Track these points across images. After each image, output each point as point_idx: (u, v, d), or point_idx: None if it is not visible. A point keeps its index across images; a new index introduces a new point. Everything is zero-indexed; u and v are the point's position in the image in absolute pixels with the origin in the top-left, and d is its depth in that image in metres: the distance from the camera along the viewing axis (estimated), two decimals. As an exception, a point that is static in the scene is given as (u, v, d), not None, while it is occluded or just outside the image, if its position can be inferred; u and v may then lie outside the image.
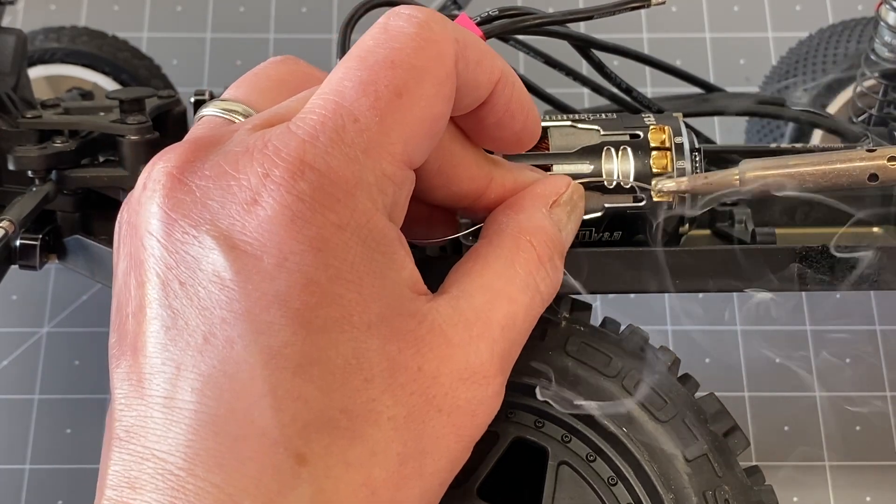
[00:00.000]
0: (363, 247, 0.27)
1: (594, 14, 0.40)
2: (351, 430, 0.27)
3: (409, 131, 0.28)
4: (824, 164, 0.35)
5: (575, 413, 0.37)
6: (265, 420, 0.26)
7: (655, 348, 0.39)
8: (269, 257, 0.26)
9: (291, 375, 0.26)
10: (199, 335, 0.27)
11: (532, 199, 0.33)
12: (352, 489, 0.27)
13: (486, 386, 0.30)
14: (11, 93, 0.49)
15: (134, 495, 0.26)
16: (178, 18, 0.78)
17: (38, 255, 0.47)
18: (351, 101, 0.28)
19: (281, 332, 0.26)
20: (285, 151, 0.27)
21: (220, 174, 0.28)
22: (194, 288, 0.27)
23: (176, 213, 0.27)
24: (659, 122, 0.39)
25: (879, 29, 0.50)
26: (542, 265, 0.32)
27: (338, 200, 0.27)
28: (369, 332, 0.27)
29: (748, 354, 0.67)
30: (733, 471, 0.37)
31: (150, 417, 0.27)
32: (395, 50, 0.29)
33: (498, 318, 0.30)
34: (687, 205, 0.38)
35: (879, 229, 0.44)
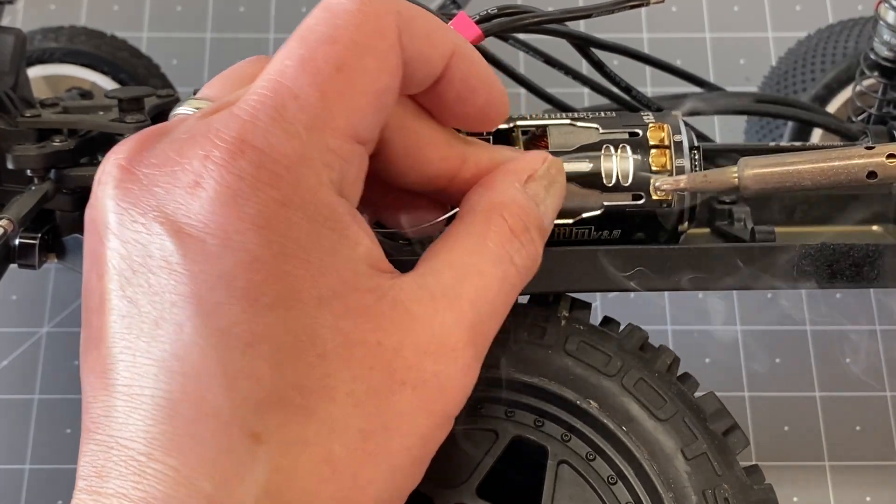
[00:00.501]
0: (309, 223, 0.27)
1: (593, 12, 0.40)
2: (306, 407, 0.27)
3: (351, 105, 0.28)
4: (823, 161, 0.35)
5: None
6: (218, 400, 0.26)
7: (655, 347, 0.39)
8: (212, 238, 0.27)
9: (241, 354, 0.26)
10: (151, 321, 0.27)
11: (504, 175, 0.33)
12: (311, 466, 0.27)
13: (454, 359, 0.29)
14: (10, 92, 0.49)
15: (101, 483, 0.26)
16: (178, 18, 0.78)
17: (37, 255, 0.47)
18: (291, 78, 0.28)
19: (228, 311, 0.26)
20: (225, 132, 0.27)
21: (165, 161, 0.28)
22: (145, 275, 0.27)
23: (126, 202, 0.28)
24: (658, 121, 0.39)
25: (878, 28, 0.50)
26: (515, 237, 0.31)
27: (279, 177, 0.27)
28: (320, 307, 0.27)
29: (748, 354, 0.67)
30: (733, 470, 0.37)
31: (113, 406, 0.27)
32: (335, 26, 0.29)
33: (466, 293, 0.30)
34: (686, 202, 0.38)
35: (879, 227, 0.44)
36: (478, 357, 0.30)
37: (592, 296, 0.63)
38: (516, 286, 0.31)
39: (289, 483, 0.27)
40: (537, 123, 0.39)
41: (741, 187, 0.36)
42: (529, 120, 0.39)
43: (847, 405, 0.65)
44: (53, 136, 0.46)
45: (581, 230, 0.38)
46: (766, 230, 0.40)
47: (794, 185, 0.35)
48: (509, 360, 0.38)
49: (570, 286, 0.39)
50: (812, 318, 0.68)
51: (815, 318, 0.68)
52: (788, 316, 0.68)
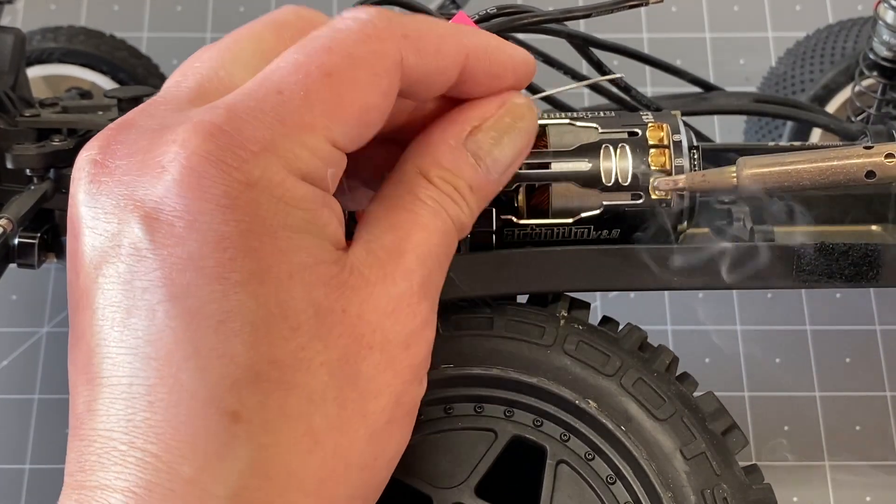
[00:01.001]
0: (276, 204, 0.27)
1: (593, 12, 0.40)
2: (283, 381, 0.27)
3: (334, 110, 0.28)
4: (821, 161, 0.35)
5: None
6: (193, 382, 0.26)
7: (654, 347, 0.39)
8: (179, 221, 0.27)
9: (213, 333, 0.26)
10: (123, 310, 0.27)
11: (443, 129, 0.32)
12: (293, 440, 0.27)
13: (412, 315, 0.30)
14: (10, 91, 0.49)
15: (86, 477, 0.26)
16: (178, 18, 0.78)
17: (36, 254, 0.47)
18: (279, 76, 0.28)
19: (198, 291, 0.26)
20: (198, 119, 0.27)
21: (136, 150, 0.28)
22: (116, 265, 0.27)
23: (99, 196, 0.28)
24: (657, 120, 0.39)
25: (878, 28, 0.50)
26: (447, 196, 0.31)
27: (244, 161, 0.27)
28: (291, 280, 0.27)
29: (748, 354, 0.67)
30: (732, 469, 0.37)
31: (93, 399, 0.27)
32: (335, 39, 0.29)
33: (411, 249, 0.30)
34: (685, 201, 0.38)
35: (878, 227, 0.44)
36: (432, 309, 0.31)
37: (592, 295, 0.63)
38: (454, 238, 0.32)
39: (273, 459, 0.27)
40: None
41: (739, 187, 0.36)
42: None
43: (847, 405, 0.65)
44: (53, 135, 0.47)
45: (580, 230, 0.38)
46: (766, 230, 0.40)
47: (792, 184, 0.36)
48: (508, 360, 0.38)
49: (569, 286, 0.39)
50: (812, 318, 0.68)
51: (816, 318, 0.68)
52: (788, 316, 0.68)
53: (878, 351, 0.67)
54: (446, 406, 0.38)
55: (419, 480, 0.37)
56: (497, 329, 0.38)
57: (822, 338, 0.67)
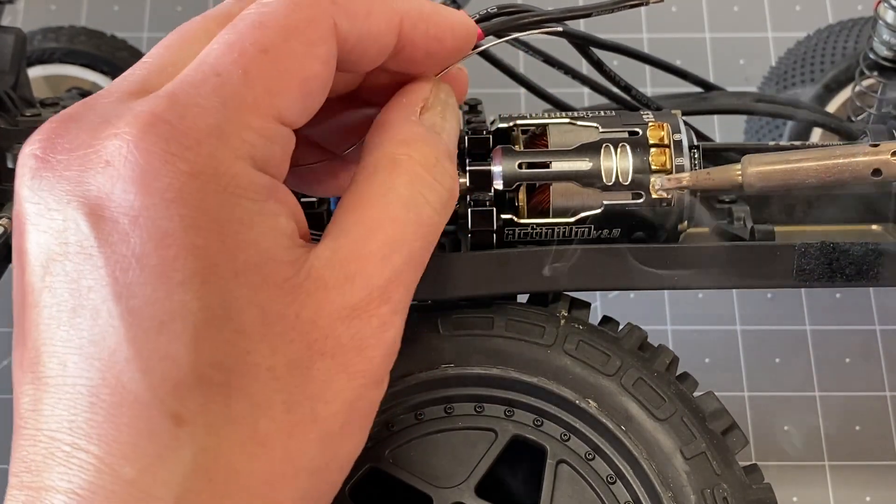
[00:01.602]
0: (223, 194, 0.27)
1: (593, 12, 0.40)
2: (227, 385, 0.26)
3: (276, 86, 0.28)
4: (827, 159, 0.35)
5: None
6: (135, 384, 0.26)
7: (654, 347, 0.39)
8: (123, 217, 0.26)
9: (156, 334, 0.26)
10: (69, 309, 0.26)
11: (398, 111, 0.32)
12: (238, 444, 0.27)
13: (368, 320, 0.29)
14: (11, 91, 0.49)
15: (32, 478, 0.26)
16: (178, 18, 0.77)
17: (36, 254, 0.47)
18: (214, 58, 0.28)
19: (141, 291, 0.26)
20: (139, 110, 0.27)
21: (78, 145, 0.27)
22: (62, 262, 0.27)
23: (42, 191, 0.27)
24: (658, 120, 0.39)
25: (878, 27, 0.50)
26: (426, 173, 0.31)
27: (188, 149, 0.26)
28: (237, 280, 0.27)
29: (748, 354, 0.67)
30: (732, 469, 0.37)
31: (38, 399, 0.26)
32: (264, 13, 0.28)
33: (377, 249, 0.29)
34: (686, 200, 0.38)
35: (878, 227, 0.44)
36: (396, 310, 0.30)
37: (592, 295, 0.63)
38: (435, 224, 0.31)
39: (216, 462, 0.26)
40: (537, 122, 0.39)
41: (745, 185, 0.36)
42: (529, 119, 0.39)
43: (847, 405, 0.65)
44: (53, 135, 0.46)
45: (580, 229, 0.38)
46: (766, 229, 0.40)
47: (798, 182, 0.35)
48: (509, 360, 0.38)
49: (570, 285, 0.39)
50: (812, 318, 0.68)
51: (816, 318, 0.68)
52: (788, 316, 0.68)
53: (878, 351, 0.67)
54: (446, 406, 0.38)
55: (419, 480, 0.37)
56: (497, 329, 0.38)
57: (822, 338, 0.67)
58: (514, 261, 0.38)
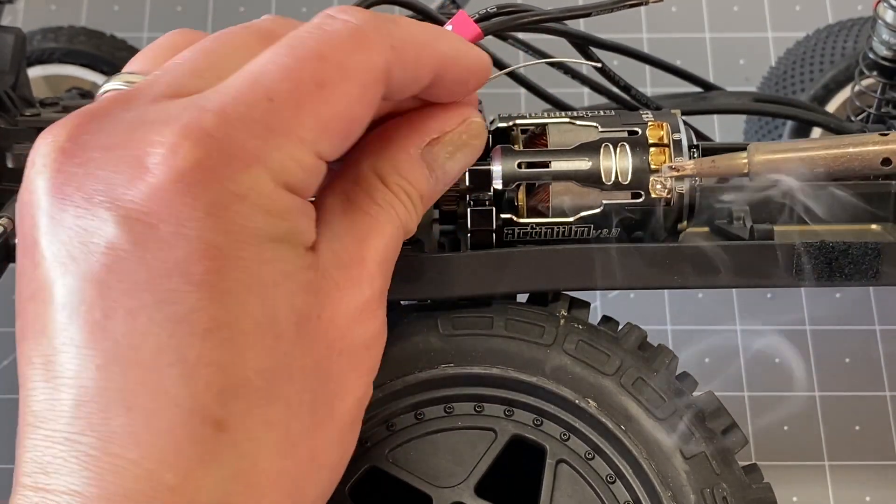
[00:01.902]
0: (263, 216, 0.27)
1: (592, 11, 0.40)
2: (267, 390, 0.27)
3: (324, 124, 0.28)
4: (836, 148, 0.34)
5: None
6: (177, 390, 0.26)
7: (654, 346, 0.39)
8: (165, 225, 0.26)
9: (201, 341, 0.26)
10: (98, 311, 0.26)
11: (403, 137, 0.32)
12: (273, 446, 0.27)
13: (373, 320, 0.30)
14: (10, 91, 0.49)
15: (48, 480, 0.26)
16: (178, 18, 0.78)
17: (36, 254, 0.47)
18: (270, 81, 0.28)
19: (186, 298, 0.26)
20: (186, 120, 0.27)
21: (113, 144, 0.27)
22: (88, 263, 0.26)
23: (68, 187, 0.27)
24: (657, 119, 0.39)
25: (877, 27, 0.50)
26: (400, 201, 0.32)
27: (236, 171, 0.27)
28: (276, 289, 0.27)
29: (748, 354, 0.67)
30: (731, 469, 0.37)
31: (57, 400, 0.26)
32: (327, 45, 0.28)
33: (371, 255, 0.30)
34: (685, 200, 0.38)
35: (878, 226, 0.44)
36: (384, 311, 0.31)
37: (592, 295, 0.63)
38: (401, 243, 0.32)
39: (254, 466, 0.27)
40: (536, 122, 0.39)
41: (751, 173, 0.36)
42: (529, 119, 0.39)
43: (847, 405, 0.65)
44: (53, 135, 0.46)
45: (580, 228, 0.38)
46: (765, 228, 0.40)
47: (806, 171, 0.35)
48: (508, 359, 0.38)
49: (569, 285, 0.39)
50: (812, 318, 0.68)
51: (816, 318, 0.68)
52: (789, 316, 0.68)
53: (878, 351, 0.67)
54: (446, 405, 0.38)
55: (419, 479, 0.37)
56: (497, 328, 0.38)
57: (822, 338, 0.67)
58: (513, 260, 0.38)
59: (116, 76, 0.32)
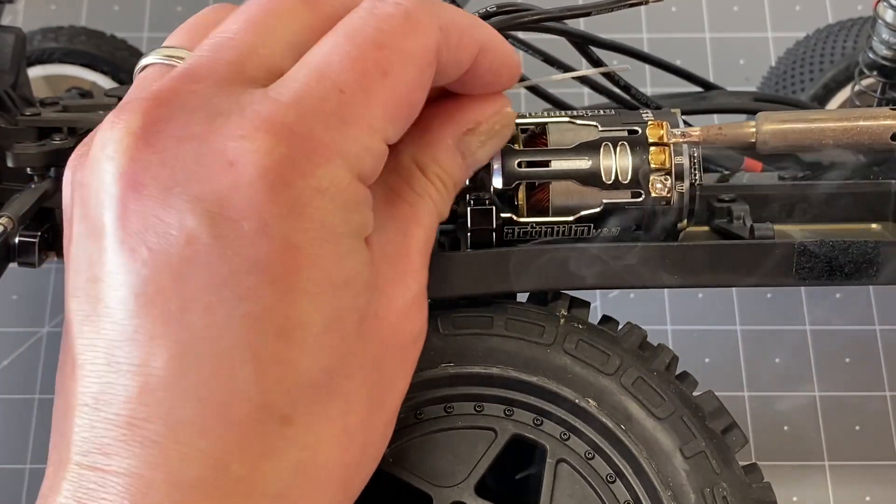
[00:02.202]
0: (342, 210, 0.28)
1: (593, 10, 0.40)
2: (330, 387, 0.28)
3: (390, 110, 0.29)
4: (847, 120, 0.34)
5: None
6: (249, 385, 0.26)
7: (654, 346, 0.39)
8: (248, 222, 0.26)
9: (274, 340, 0.27)
10: (175, 302, 0.26)
11: (442, 126, 0.33)
12: (332, 439, 0.28)
13: (419, 315, 0.31)
14: (10, 90, 0.49)
15: (108, 461, 0.26)
16: (178, 18, 0.77)
17: (37, 253, 0.47)
18: (337, 73, 0.28)
19: (262, 296, 0.26)
20: (265, 114, 0.27)
21: (191, 135, 0.27)
22: (166, 254, 0.26)
23: (144, 175, 0.27)
24: (657, 118, 0.39)
25: (877, 27, 0.50)
26: (436, 189, 0.32)
27: (318, 166, 0.27)
28: (346, 289, 0.28)
29: (748, 354, 0.67)
30: (731, 468, 0.37)
31: (121, 385, 0.26)
32: (384, 32, 0.29)
33: (415, 247, 0.31)
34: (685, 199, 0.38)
35: (878, 226, 0.44)
36: (427, 304, 0.32)
37: (592, 294, 0.63)
38: (436, 229, 0.33)
39: (314, 459, 0.28)
40: (536, 121, 0.39)
41: (758, 143, 0.35)
42: (529, 118, 0.39)
43: (847, 405, 0.65)
44: (53, 134, 0.46)
45: (580, 228, 0.38)
46: (765, 228, 0.40)
47: (814, 143, 0.34)
48: (508, 359, 0.38)
49: (569, 284, 0.39)
50: (812, 318, 0.68)
51: (815, 317, 0.68)
52: (788, 316, 0.68)
53: (878, 351, 0.67)
54: (446, 405, 0.38)
55: (419, 479, 0.37)
56: (497, 328, 0.38)
57: (822, 338, 0.67)
58: (513, 259, 0.38)
59: (156, 51, 0.32)
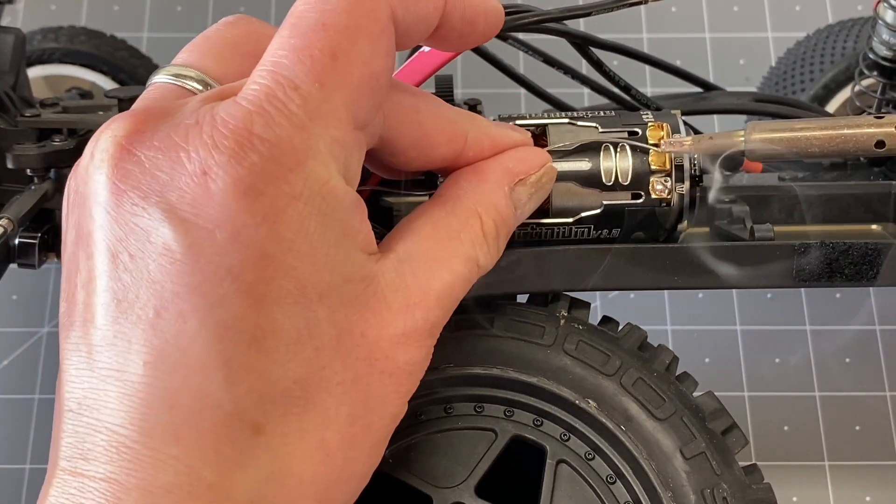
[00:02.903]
0: (319, 216, 0.28)
1: (593, 11, 0.40)
2: (304, 399, 0.28)
3: (350, 93, 0.28)
4: (832, 129, 0.35)
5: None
6: (220, 393, 0.27)
7: (654, 347, 0.39)
8: (221, 231, 0.26)
9: (246, 348, 0.27)
10: (151, 309, 0.27)
11: (498, 172, 0.33)
12: (308, 453, 0.28)
13: (419, 348, 0.30)
14: (10, 91, 0.49)
15: (87, 466, 0.26)
16: (178, 18, 0.78)
17: (37, 254, 0.47)
18: (288, 69, 0.28)
19: (234, 305, 0.27)
20: (232, 123, 0.27)
21: (169, 145, 0.27)
22: (144, 261, 0.27)
23: (124, 183, 0.27)
24: (657, 120, 0.39)
25: (878, 27, 0.50)
26: (486, 242, 0.32)
27: (290, 170, 0.27)
28: (321, 301, 0.28)
29: (748, 354, 0.67)
30: (731, 469, 0.37)
31: (101, 390, 0.27)
32: (325, 12, 0.28)
33: (436, 288, 0.31)
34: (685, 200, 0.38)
35: (878, 226, 0.44)
36: (433, 344, 0.32)
37: (592, 295, 0.63)
38: (472, 283, 0.33)
39: (288, 469, 0.27)
40: (537, 122, 0.39)
41: (747, 151, 0.36)
42: (529, 119, 0.39)
43: (847, 405, 0.65)
44: (53, 135, 0.46)
45: (580, 229, 0.38)
46: (766, 229, 0.40)
47: (801, 150, 0.35)
48: (509, 360, 0.38)
49: (569, 285, 0.39)
50: (812, 318, 0.68)
51: (815, 318, 0.68)
52: (788, 316, 0.68)
53: (878, 351, 0.67)
54: (446, 406, 0.38)
55: (419, 480, 0.37)
56: (497, 329, 0.38)
57: (822, 338, 0.67)
58: (514, 261, 0.38)
59: (166, 68, 0.32)
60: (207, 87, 0.32)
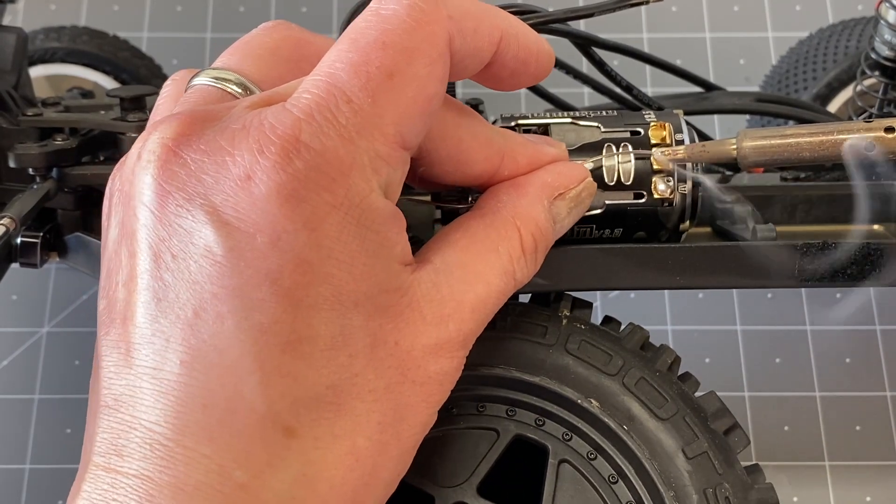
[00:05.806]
0: (357, 226, 0.28)
1: (595, 11, 0.40)
2: (337, 404, 0.28)
3: (401, 112, 0.29)
4: (822, 134, 0.35)
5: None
6: (254, 395, 0.27)
7: (656, 347, 0.39)
8: (262, 235, 0.27)
9: (280, 352, 0.27)
10: (190, 309, 0.27)
11: (537, 186, 0.34)
12: (338, 458, 0.28)
13: (451, 359, 0.31)
14: (12, 91, 0.49)
15: (121, 462, 0.27)
16: (178, 18, 0.78)
17: (38, 253, 0.47)
18: (343, 81, 0.28)
19: (271, 309, 0.27)
20: (280, 129, 0.27)
21: (215, 149, 0.28)
22: (185, 262, 0.27)
23: (170, 185, 0.28)
24: (659, 119, 0.39)
25: (879, 27, 0.50)
26: (523, 255, 0.33)
27: (333, 180, 0.27)
28: (356, 309, 0.28)
29: (748, 354, 0.67)
30: (734, 469, 0.37)
31: (138, 387, 0.27)
32: (386, 31, 0.29)
33: (470, 300, 0.31)
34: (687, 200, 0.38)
35: (880, 227, 0.44)
36: (466, 355, 0.32)
37: (593, 295, 0.63)
38: (508, 296, 0.33)
39: (319, 473, 0.28)
40: (539, 122, 0.39)
41: (739, 158, 0.36)
42: (531, 119, 0.39)
43: (847, 405, 0.65)
44: (55, 134, 0.46)
45: (582, 229, 0.38)
46: (768, 229, 0.40)
47: (791, 156, 0.36)
48: (511, 359, 0.38)
49: (571, 285, 0.39)
50: (812, 318, 0.68)
51: (815, 318, 0.68)
52: (788, 316, 0.68)
53: (878, 351, 0.67)
54: (448, 405, 0.38)
55: (422, 479, 0.37)
56: (499, 328, 0.38)
57: (822, 338, 0.67)
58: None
59: (206, 71, 0.33)
60: (247, 90, 0.32)
